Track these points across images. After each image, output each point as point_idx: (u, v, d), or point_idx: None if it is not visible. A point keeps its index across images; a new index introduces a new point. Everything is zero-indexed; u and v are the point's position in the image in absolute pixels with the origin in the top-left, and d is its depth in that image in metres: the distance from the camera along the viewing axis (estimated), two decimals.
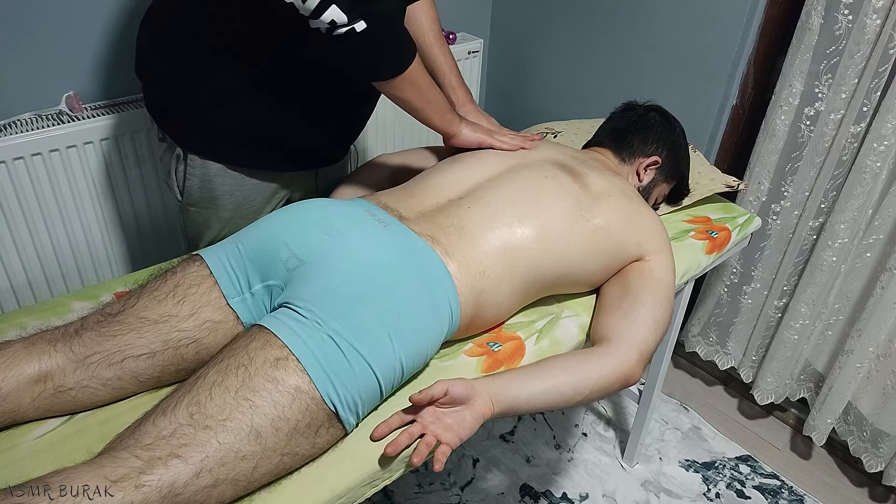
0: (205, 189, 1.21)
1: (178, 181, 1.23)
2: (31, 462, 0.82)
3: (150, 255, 1.70)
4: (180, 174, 1.21)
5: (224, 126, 1.15)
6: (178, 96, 1.15)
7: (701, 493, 1.75)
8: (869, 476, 1.79)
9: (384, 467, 0.86)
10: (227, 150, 1.18)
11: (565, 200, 1.09)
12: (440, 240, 1.00)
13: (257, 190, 1.24)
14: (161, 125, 1.20)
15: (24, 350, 0.86)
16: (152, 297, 0.91)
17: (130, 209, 1.62)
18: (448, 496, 1.69)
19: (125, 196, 1.59)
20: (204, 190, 1.21)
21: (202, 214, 1.25)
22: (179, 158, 1.20)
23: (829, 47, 1.50)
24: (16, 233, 1.47)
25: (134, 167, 1.57)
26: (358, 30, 0.96)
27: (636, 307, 1.05)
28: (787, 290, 1.79)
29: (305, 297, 0.87)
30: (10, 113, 1.45)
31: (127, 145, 1.54)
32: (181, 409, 0.77)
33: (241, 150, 1.18)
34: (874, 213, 1.57)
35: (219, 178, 1.20)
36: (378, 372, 0.86)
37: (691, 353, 2.10)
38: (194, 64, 1.11)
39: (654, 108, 1.38)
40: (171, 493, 0.71)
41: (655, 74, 1.83)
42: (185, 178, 1.21)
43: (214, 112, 1.13)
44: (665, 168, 1.33)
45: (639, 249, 1.13)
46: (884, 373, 1.65)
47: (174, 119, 1.18)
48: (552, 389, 0.93)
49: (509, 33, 2.20)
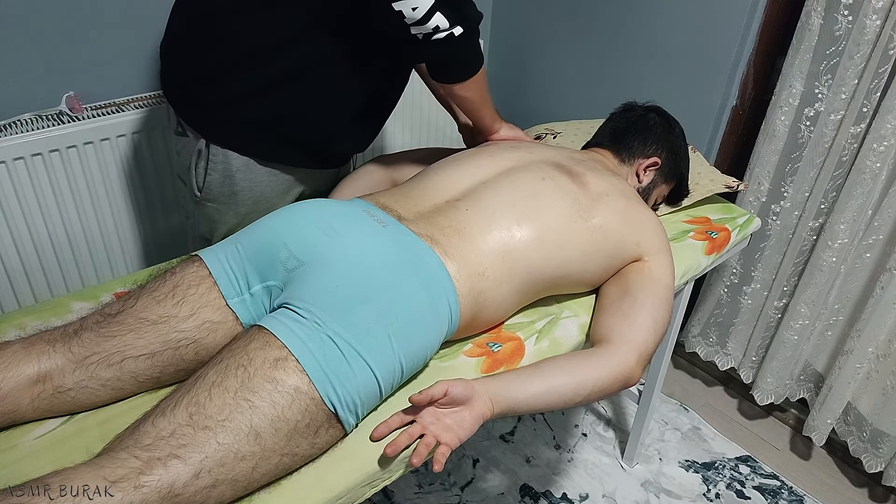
0: (226, 184, 1.22)
1: (197, 176, 1.23)
2: (30, 462, 0.82)
3: (150, 256, 1.70)
4: (200, 169, 1.22)
5: (254, 120, 1.17)
6: (208, 87, 1.16)
7: (701, 493, 1.75)
8: (869, 476, 1.79)
9: (384, 468, 0.86)
10: (256, 144, 1.20)
11: (564, 201, 1.09)
12: (439, 240, 1.00)
13: (276, 185, 1.26)
14: (184, 117, 1.20)
15: (24, 350, 0.86)
16: (151, 298, 0.91)
17: (130, 209, 1.62)
18: (448, 496, 1.69)
19: (125, 196, 1.59)
20: (225, 185, 1.22)
21: (219, 210, 1.26)
22: (200, 153, 1.20)
23: (828, 48, 1.50)
24: (16, 233, 1.46)
25: (134, 167, 1.57)
26: (456, 34, 1.07)
27: (636, 308, 1.05)
28: (786, 290, 1.79)
29: (305, 298, 0.87)
30: (10, 113, 1.45)
31: (127, 146, 1.54)
32: (180, 409, 0.77)
33: (272, 146, 1.20)
34: (874, 214, 1.57)
35: (241, 173, 1.21)
36: (377, 372, 0.86)
37: (691, 354, 2.10)
38: (230, 56, 1.13)
39: (654, 108, 1.38)
40: (170, 493, 0.71)
41: (655, 75, 1.83)
42: (207, 173, 1.21)
43: (246, 106, 1.16)
44: (664, 169, 1.33)
45: (638, 250, 1.13)
46: (883, 373, 1.65)
47: (200, 110, 1.19)
48: (552, 390, 0.93)
49: (509, 33, 2.20)
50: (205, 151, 1.20)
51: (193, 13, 1.17)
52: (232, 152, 1.19)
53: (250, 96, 1.15)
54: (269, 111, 1.16)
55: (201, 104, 1.18)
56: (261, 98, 1.15)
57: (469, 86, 1.21)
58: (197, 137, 1.20)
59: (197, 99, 1.18)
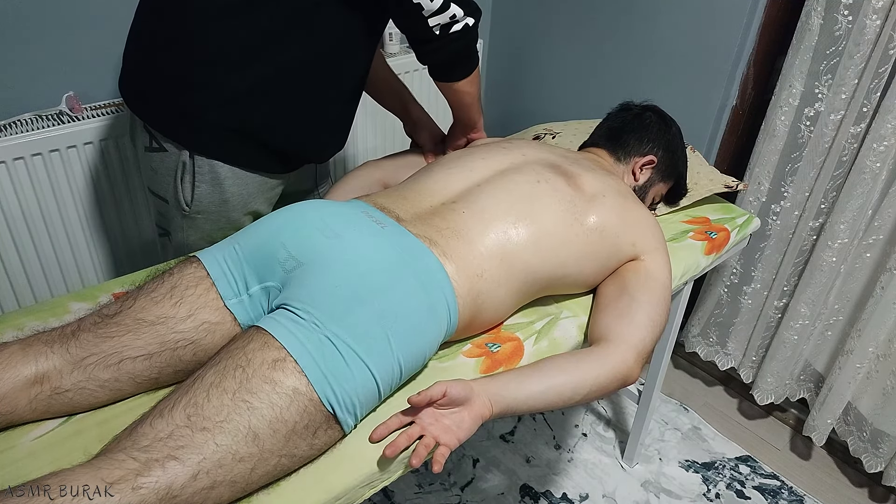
0: (215, 193, 1.18)
1: (183, 191, 1.18)
2: (28, 463, 0.82)
3: (150, 256, 1.70)
4: (187, 183, 1.17)
5: (238, 128, 1.13)
6: (188, 96, 1.11)
7: (701, 493, 1.75)
8: (869, 476, 1.79)
9: (383, 468, 0.85)
10: (242, 152, 1.17)
11: (560, 204, 1.09)
12: (437, 242, 1.00)
13: (263, 185, 1.24)
14: (162, 129, 1.15)
15: (21, 351, 0.86)
16: (149, 299, 0.91)
17: (130, 209, 1.62)
18: (448, 496, 1.69)
19: (125, 197, 1.59)
20: (215, 194, 1.19)
21: (210, 220, 1.22)
22: (185, 166, 1.15)
23: (828, 48, 1.50)
24: (15, 233, 1.47)
25: (134, 168, 1.58)
26: (470, 24, 1.09)
27: (633, 307, 1.05)
28: (786, 290, 1.79)
29: (303, 299, 0.87)
30: (10, 113, 1.45)
31: (127, 146, 1.54)
32: (178, 410, 0.76)
33: (250, 152, 1.17)
34: (874, 214, 1.57)
35: (229, 181, 1.18)
36: (376, 373, 0.85)
37: (691, 354, 2.09)
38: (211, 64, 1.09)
39: (651, 107, 1.38)
40: (168, 495, 0.71)
41: (655, 75, 1.83)
42: (195, 186, 1.17)
43: (229, 113, 1.12)
44: (661, 167, 1.32)
45: (634, 249, 1.13)
46: (884, 373, 1.65)
47: (179, 119, 1.13)
48: (551, 390, 0.93)
49: (509, 33, 2.20)
50: (189, 163, 1.15)
51: (164, 19, 1.11)
52: (218, 162, 1.15)
53: (233, 102, 1.11)
54: (253, 118, 1.13)
55: (181, 113, 1.12)
56: (243, 104, 1.11)
57: (473, 79, 1.22)
58: (179, 149, 1.14)
59: (176, 108, 1.12)
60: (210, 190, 1.18)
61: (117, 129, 1.51)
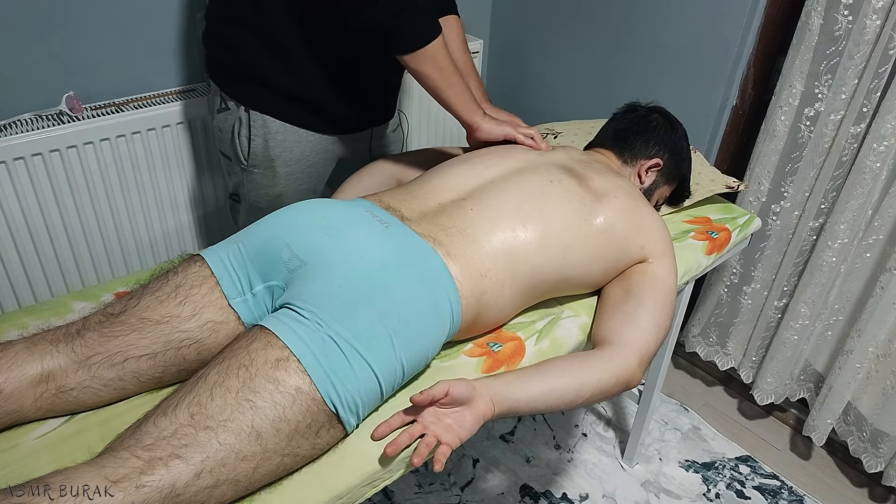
0: (268, 147, 1.31)
1: (241, 145, 1.32)
2: (31, 462, 0.82)
3: (149, 256, 1.70)
4: (244, 137, 1.31)
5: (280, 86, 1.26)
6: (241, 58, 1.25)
7: (701, 493, 1.75)
8: (869, 476, 1.79)
9: (384, 467, 0.86)
10: (286, 108, 1.28)
11: (570, 205, 1.08)
12: (442, 241, 1.00)
13: (311, 146, 1.34)
14: (227, 90, 1.29)
15: (27, 350, 0.86)
16: (154, 298, 0.91)
17: (130, 210, 1.62)
18: (448, 496, 1.69)
19: (125, 197, 1.59)
20: (268, 148, 1.31)
21: (265, 174, 1.34)
22: (242, 122, 1.29)
23: (828, 48, 1.50)
24: (15, 233, 1.47)
25: (134, 168, 1.58)
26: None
27: (638, 310, 1.05)
28: (787, 290, 1.79)
29: (307, 298, 0.87)
30: (10, 113, 1.45)
31: (127, 146, 1.54)
32: (182, 409, 0.77)
33: (296, 110, 1.29)
34: (874, 214, 1.57)
35: (280, 135, 1.30)
36: (379, 373, 0.86)
37: (691, 354, 2.10)
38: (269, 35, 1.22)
39: (657, 109, 1.38)
40: (171, 493, 0.71)
41: (655, 75, 1.83)
42: (251, 140, 1.30)
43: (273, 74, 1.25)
44: (666, 170, 1.33)
45: (642, 252, 1.12)
46: (883, 373, 1.66)
47: (239, 82, 1.28)
48: (553, 392, 0.93)
49: (509, 34, 2.20)
50: (245, 118, 1.28)
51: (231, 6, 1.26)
52: (269, 117, 1.28)
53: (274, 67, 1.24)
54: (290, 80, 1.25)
55: (240, 76, 1.28)
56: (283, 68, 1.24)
57: (420, 59, 1.16)
58: (238, 106, 1.29)
59: (235, 72, 1.28)
60: (263, 144, 1.31)
61: (118, 129, 1.51)
